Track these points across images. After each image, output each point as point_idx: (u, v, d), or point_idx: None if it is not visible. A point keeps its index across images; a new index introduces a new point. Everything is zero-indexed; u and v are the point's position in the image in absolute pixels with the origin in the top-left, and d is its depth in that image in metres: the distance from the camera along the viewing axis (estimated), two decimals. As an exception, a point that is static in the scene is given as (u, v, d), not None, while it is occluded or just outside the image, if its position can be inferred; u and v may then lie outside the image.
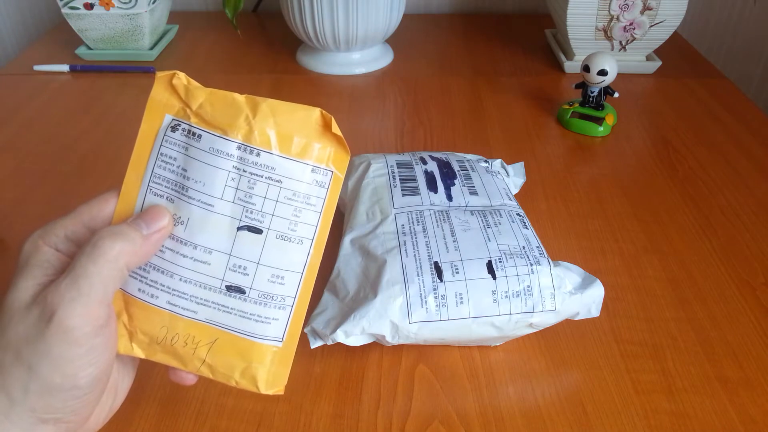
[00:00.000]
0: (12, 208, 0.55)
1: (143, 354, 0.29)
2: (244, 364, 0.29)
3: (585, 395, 0.39)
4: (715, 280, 0.48)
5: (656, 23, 0.75)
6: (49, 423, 0.25)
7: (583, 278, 0.40)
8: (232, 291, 0.29)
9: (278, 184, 0.28)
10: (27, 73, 0.79)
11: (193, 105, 0.29)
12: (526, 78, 0.79)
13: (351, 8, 0.72)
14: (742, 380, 0.40)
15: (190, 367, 0.29)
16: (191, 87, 0.29)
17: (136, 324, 0.29)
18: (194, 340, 0.29)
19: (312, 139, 0.29)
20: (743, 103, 0.73)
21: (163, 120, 0.29)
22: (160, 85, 0.29)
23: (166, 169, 0.29)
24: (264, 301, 0.29)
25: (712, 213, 0.55)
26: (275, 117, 0.28)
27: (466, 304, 0.38)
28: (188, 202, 0.28)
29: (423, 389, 0.39)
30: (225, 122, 0.28)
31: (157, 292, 0.29)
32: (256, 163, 0.28)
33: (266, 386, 0.30)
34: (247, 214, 0.28)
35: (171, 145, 0.29)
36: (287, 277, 0.29)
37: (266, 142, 0.28)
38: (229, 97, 0.29)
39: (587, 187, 0.58)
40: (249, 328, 0.29)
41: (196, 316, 0.29)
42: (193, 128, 0.29)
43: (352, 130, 0.67)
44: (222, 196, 0.28)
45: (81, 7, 0.77)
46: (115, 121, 0.69)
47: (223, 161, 0.28)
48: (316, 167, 0.29)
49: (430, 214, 0.43)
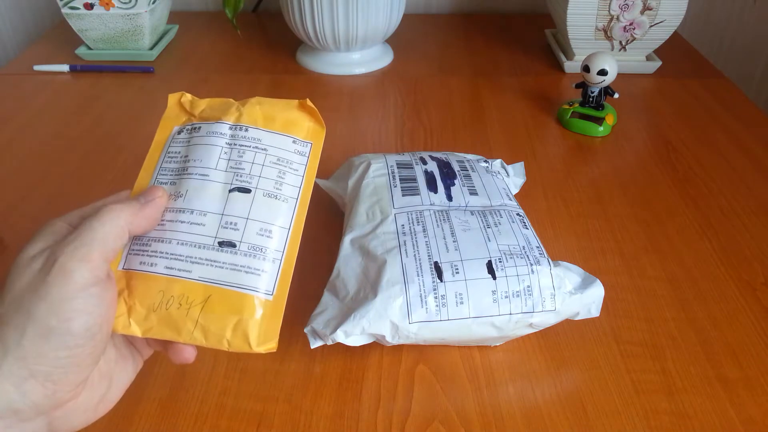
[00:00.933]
0: (12, 208, 0.55)
1: (140, 331, 0.30)
2: (236, 318, 0.30)
3: (585, 395, 0.39)
4: (715, 280, 0.48)
5: (656, 23, 0.75)
6: (39, 378, 0.25)
7: (583, 278, 0.40)
8: (224, 246, 0.31)
9: (264, 152, 0.33)
10: (27, 73, 0.79)
11: (196, 113, 0.35)
12: (526, 78, 0.79)
13: (351, 8, 0.72)
14: (742, 380, 0.40)
15: (184, 335, 0.30)
16: (195, 101, 0.35)
17: (134, 296, 0.30)
18: (188, 300, 0.30)
19: (293, 118, 0.34)
20: (743, 103, 0.73)
21: (171, 131, 0.35)
22: (173, 105, 0.35)
23: (171, 161, 0.33)
24: (253, 253, 0.31)
25: (712, 213, 0.55)
26: (261, 105, 0.34)
27: (466, 304, 0.38)
28: (187, 179, 0.32)
29: (423, 389, 0.39)
30: (220, 114, 0.34)
31: (156, 260, 0.31)
32: (245, 137, 0.33)
33: (258, 342, 0.30)
34: (237, 177, 0.32)
35: (177, 144, 0.34)
36: (275, 231, 0.32)
37: (253, 121, 0.34)
38: (225, 101, 0.35)
39: (587, 187, 0.58)
40: (240, 280, 0.30)
41: (190, 275, 0.30)
42: (195, 125, 0.34)
43: (352, 130, 0.67)
44: (216, 167, 0.32)
45: (81, 7, 0.77)
46: (115, 121, 0.69)
47: (218, 139, 0.33)
48: (296, 140, 0.34)
49: (430, 214, 0.43)
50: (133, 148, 0.64)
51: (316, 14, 0.73)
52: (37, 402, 0.26)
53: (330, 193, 0.52)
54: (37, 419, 0.26)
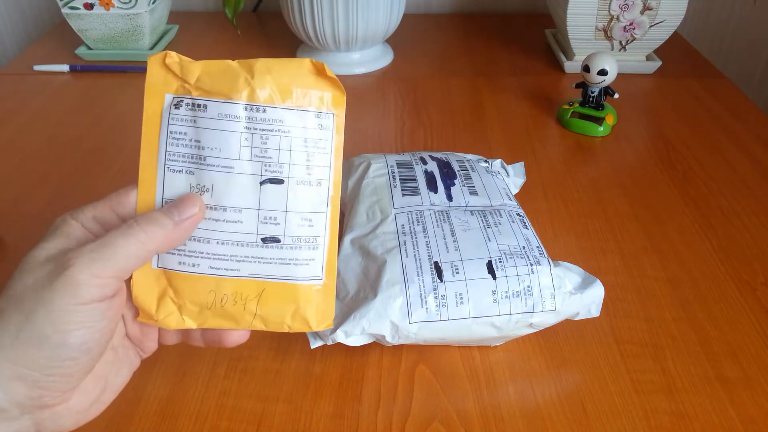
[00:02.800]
0: (12, 208, 0.55)
1: (195, 323, 0.30)
2: (294, 306, 0.31)
3: (585, 395, 0.39)
4: (715, 280, 0.48)
5: (656, 23, 0.75)
6: (26, 381, 0.25)
7: (583, 278, 0.40)
8: (268, 242, 0.30)
9: (288, 135, 0.30)
10: (27, 73, 0.79)
11: (190, 80, 0.30)
12: (526, 78, 0.79)
13: (351, 8, 0.72)
14: (742, 380, 0.40)
15: (243, 324, 0.30)
16: (184, 63, 0.30)
17: (183, 296, 0.30)
18: (242, 296, 0.30)
19: (309, 88, 0.30)
20: (743, 103, 0.73)
21: (164, 100, 0.30)
22: (154, 67, 0.30)
23: (178, 145, 0.30)
24: (298, 245, 0.30)
25: (712, 213, 0.55)
26: (271, 73, 0.30)
27: (466, 304, 0.38)
28: (208, 170, 0.30)
29: (423, 389, 0.39)
30: (226, 88, 0.30)
31: (198, 261, 0.30)
32: (264, 119, 0.30)
33: (317, 323, 0.31)
34: (266, 167, 0.30)
35: (178, 122, 0.30)
36: (314, 219, 0.31)
37: (269, 98, 0.30)
38: (223, 64, 0.30)
39: (587, 187, 0.58)
40: (290, 272, 0.30)
41: (239, 273, 0.30)
42: (197, 100, 0.30)
43: (352, 130, 0.67)
44: (240, 157, 0.30)
45: (81, 7, 0.77)
46: (115, 121, 0.69)
47: (234, 124, 0.30)
48: (318, 113, 0.31)
49: (430, 214, 0.43)
50: (132, 148, 0.64)
51: (316, 14, 0.73)
52: (20, 402, 0.25)
53: (330, 193, 0.51)
54: (23, 418, 0.26)
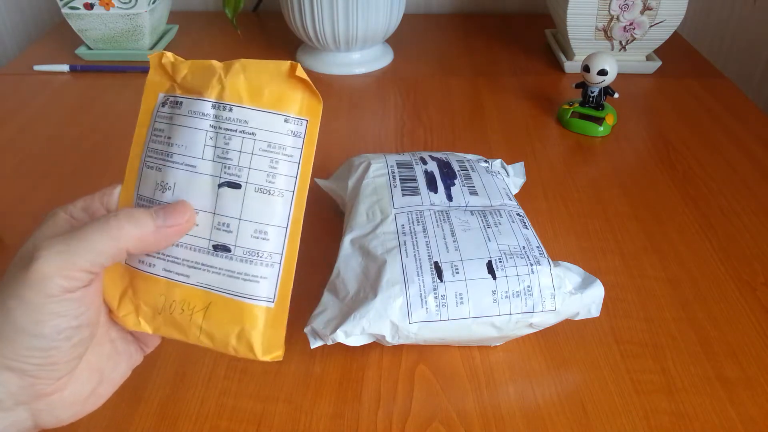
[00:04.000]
0: (12, 208, 0.55)
1: (150, 328, 0.29)
2: (238, 327, 0.29)
3: (585, 395, 0.39)
4: (715, 280, 0.48)
5: (656, 23, 0.75)
6: (15, 372, 0.25)
7: (583, 278, 0.40)
8: (219, 250, 0.28)
9: (252, 137, 0.28)
10: (27, 73, 0.79)
11: (178, 78, 0.30)
12: (526, 78, 0.79)
13: (351, 8, 0.72)
14: (742, 380, 0.40)
15: (191, 337, 0.29)
16: (177, 62, 0.30)
17: (139, 297, 0.29)
18: (189, 305, 0.29)
19: (283, 90, 0.29)
20: (743, 103, 0.73)
21: (157, 99, 0.30)
22: (153, 67, 0.30)
23: (157, 141, 0.29)
24: (250, 259, 0.28)
25: (712, 213, 0.55)
26: (245, 72, 0.29)
27: (466, 304, 0.38)
28: (173, 167, 0.29)
29: (423, 389, 0.39)
30: (201, 85, 0.29)
31: (154, 261, 0.29)
32: (229, 119, 0.28)
33: (263, 351, 0.29)
34: (225, 170, 0.28)
35: (161, 119, 0.30)
36: (271, 232, 0.29)
37: (237, 97, 0.28)
38: (206, 63, 0.29)
39: (587, 187, 0.58)
40: (238, 288, 0.28)
41: (189, 280, 0.29)
42: (177, 98, 0.29)
43: (352, 130, 0.67)
44: (203, 156, 0.28)
45: (81, 7, 0.77)
46: (115, 121, 0.69)
47: (201, 121, 0.29)
48: (289, 117, 0.29)
49: (430, 214, 0.43)
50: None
51: (316, 14, 0.73)
52: (14, 392, 0.25)
53: (330, 193, 0.52)
54: (18, 409, 0.26)
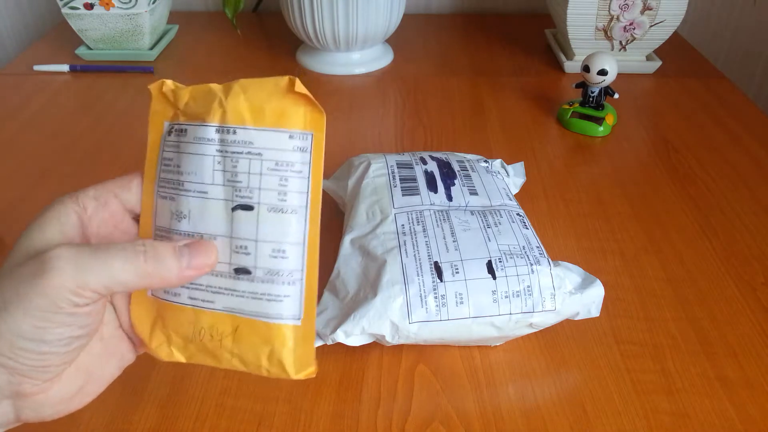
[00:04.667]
0: (12, 208, 0.55)
1: (184, 358, 0.29)
2: (268, 348, 0.29)
3: (585, 395, 0.39)
4: (715, 280, 0.48)
5: (656, 23, 0.75)
6: (6, 368, 0.24)
7: (583, 278, 0.40)
8: (240, 273, 0.28)
9: (259, 157, 0.28)
10: (27, 73, 0.79)
11: (180, 105, 0.30)
12: (526, 78, 0.79)
13: (351, 8, 0.72)
14: (742, 380, 0.40)
15: (224, 363, 0.29)
16: (177, 90, 0.30)
17: (169, 327, 0.29)
18: (218, 331, 0.29)
19: (284, 106, 0.28)
20: (743, 103, 0.73)
21: (163, 128, 0.30)
22: (154, 97, 0.30)
23: (168, 171, 0.30)
24: (271, 279, 0.28)
25: (712, 213, 0.55)
26: (245, 93, 0.28)
27: (466, 304, 0.38)
28: (186, 196, 0.29)
29: (423, 389, 0.39)
30: (203, 111, 0.29)
31: (179, 290, 0.29)
32: (234, 141, 0.28)
33: (296, 370, 0.29)
34: (237, 193, 0.28)
35: (168, 148, 0.30)
36: (289, 251, 0.29)
37: (239, 118, 0.28)
38: (206, 87, 0.29)
39: (587, 187, 0.58)
40: (263, 309, 0.29)
41: (214, 306, 0.29)
42: (181, 125, 0.29)
43: (352, 130, 0.67)
44: (213, 181, 0.29)
45: (81, 7, 0.77)
46: (115, 121, 0.69)
47: (207, 147, 0.29)
48: (293, 133, 0.29)
49: (430, 214, 0.43)
50: (132, 149, 0.64)
51: (316, 14, 0.73)
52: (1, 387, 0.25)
53: (330, 193, 0.52)
54: (2, 403, 0.25)
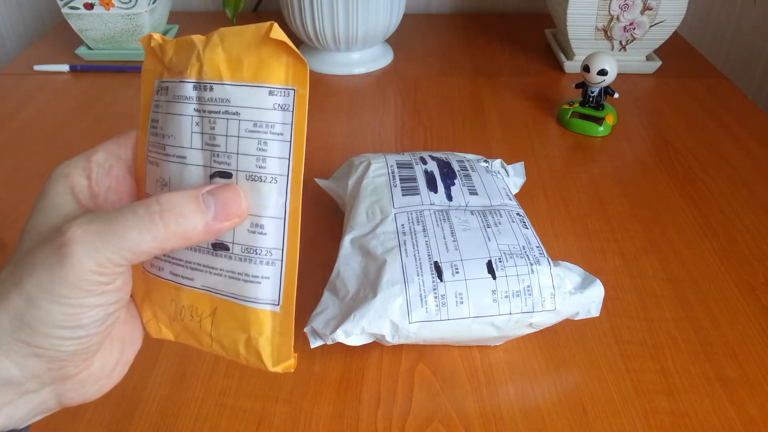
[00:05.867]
0: (12, 208, 0.55)
1: (172, 335, 0.28)
2: (245, 335, 0.26)
3: (585, 395, 0.39)
4: (715, 280, 0.48)
5: (656, 23, 0.75)
6: (44, 358, 0.23)
7: (583, 278, 0.40)
8: (218, 249, 0.26)
9: (236, 117, 0.25)
10: (27, 73, 0.79)
11: (166, 61, 0.27)
12: (526, 78, 0.79)
13: (351, 8, 0.72)
14: (742, 380, 0.40)
15: (206, 346, 0.27)
16: (164, 43, 0.27)
17: (155, 302, 0.28)
18: (198, 311, 0.27)
19: (263, 58, 0.25)
20: (743, 103, 0.73)
21: (153, 87, 0.27)
22: (146, 53, 0.27)
23: (154, 135, 0.27)
24: (249, 257, 0.26)
25: (712, 213, 0.55)
26: (223, 43, 0.25)
27: (466, 303, 0.38)
28: (167, 161, 0.26)
29: (423, 389, 0.39)
30: (183, 66, 0.26)
31: (161, 263, 0.27)
32: (211, 99, 0.25)
33: (273, 362, 0.27)
34: (215, 158, 0.25)
35: (155, 109, 0.27)
36: (268, 225, 0.26)
37: (216, 73, 0.25)
38: (189, 39, 0.26)
39: (587, 187, 0.58)
40: (240, 290, 0.26)
41: (193, 283, 0.27)
42: (163, 83, 0.27)
43: (352, 130, 0.67)
44: (191, 145, 0.26)
45: (81, 7, 0.77)
46: (115, 121, 0.69)
47: (185, 106, 0.26)
48: (273, 89, 0.25)
49: (430, 214, 0.43)
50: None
51: (316, 14, 0.73)
52: (39, 375, 0.23)
53: (330, 193, 0.51)
54: (42, 391, 0.24)
